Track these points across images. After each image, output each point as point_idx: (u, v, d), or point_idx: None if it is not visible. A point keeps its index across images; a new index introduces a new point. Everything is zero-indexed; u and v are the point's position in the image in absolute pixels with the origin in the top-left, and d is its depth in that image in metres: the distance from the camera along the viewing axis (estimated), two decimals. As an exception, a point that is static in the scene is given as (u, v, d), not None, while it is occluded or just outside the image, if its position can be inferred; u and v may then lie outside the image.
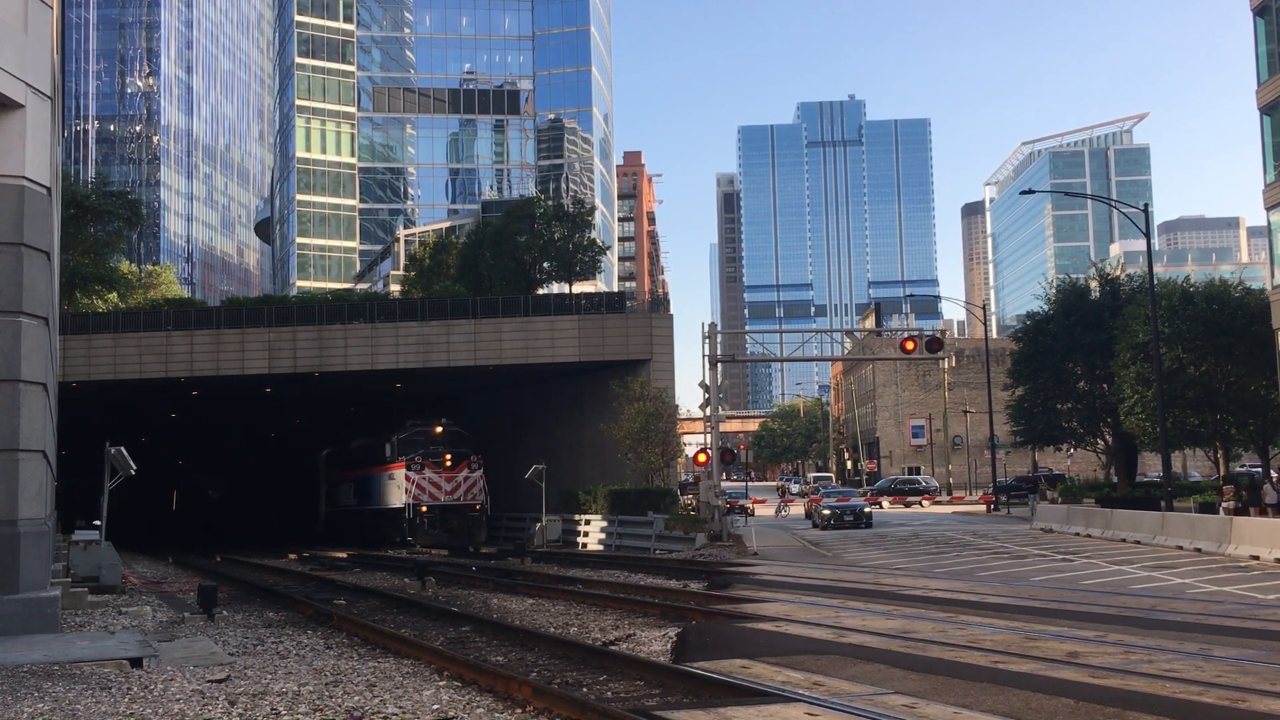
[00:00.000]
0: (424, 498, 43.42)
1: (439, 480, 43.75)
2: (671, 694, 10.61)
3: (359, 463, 51.49)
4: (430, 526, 43.22)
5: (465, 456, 44.84)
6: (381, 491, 46.98)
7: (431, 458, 44.21)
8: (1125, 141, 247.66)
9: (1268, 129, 42.57)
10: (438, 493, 43.74)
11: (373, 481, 48.69)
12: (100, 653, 12.93)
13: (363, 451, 51.43)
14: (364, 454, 51.08)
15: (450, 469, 43.91)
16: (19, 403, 15.38)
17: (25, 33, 15.84)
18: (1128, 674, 10.54)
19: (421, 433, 45.41)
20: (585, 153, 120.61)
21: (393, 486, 45.35)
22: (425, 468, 43.75)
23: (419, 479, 43.54)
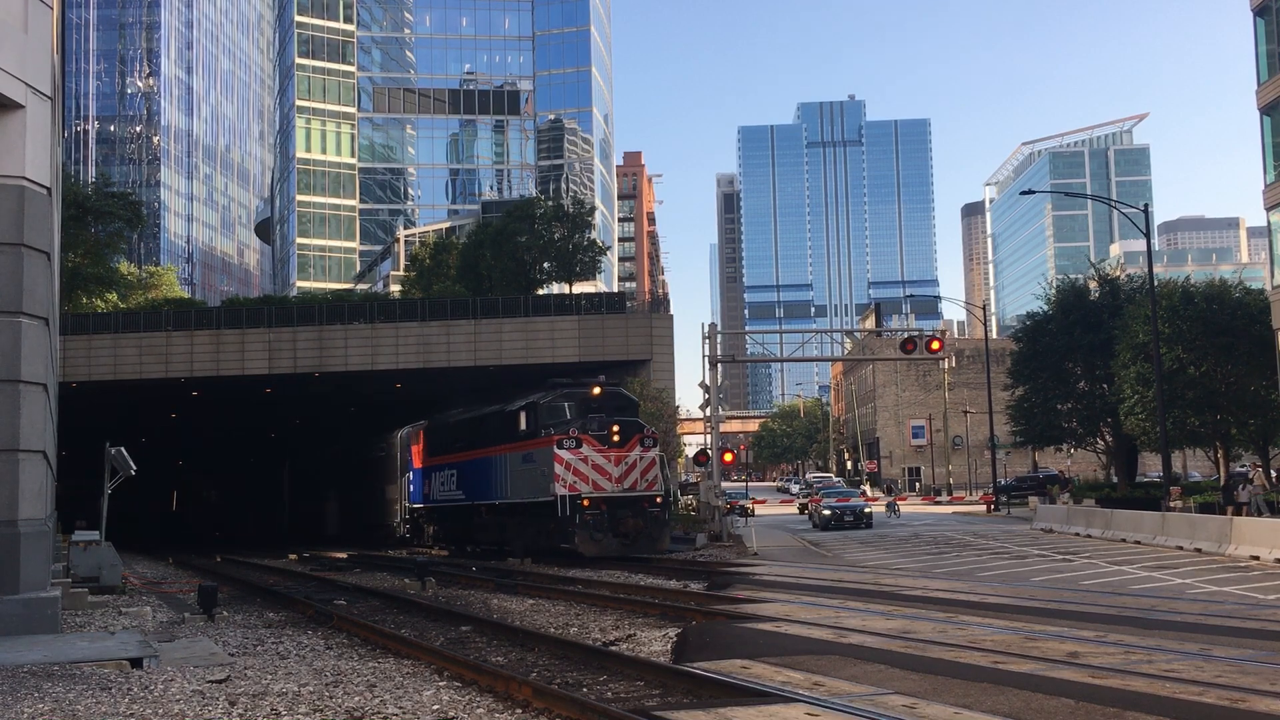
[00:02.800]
0: (584, 487, 30.70)
1: (604, 463, 31.06)
2: (672, 694, 10.61)
3: (467, 441, 38.15)
4: (596, 528, 30.35)
5: (637, 429, 32.15)
6: (512, 479, 34.16)
7: (591, 431, 31.36)
8: (1125, 142, 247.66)
9: (1268, 129, 42.57)
10: (604, 480, 31.01)
11: (494, 467, 35.54)
12: (100, 653, 12.93)
13: (473, 426, 38.20)
14: (476, 429, 37.78)
15: (619, 446, 31.33)
16: (19, 403, 15.38)
17: (25, 33, 15.84)
18: (1128, 674, 10.54)
19: (571, 396, 33.11)
20: (585, 153, 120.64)
21: (532, 472, 32.66)
22: (583, 444, 30.97)
23: (575, 461, 30.80)
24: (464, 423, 39.51)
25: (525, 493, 32.98)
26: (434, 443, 41.87)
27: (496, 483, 35.38)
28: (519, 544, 33.81)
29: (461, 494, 38.47)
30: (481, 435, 36.89)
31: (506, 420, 34.82)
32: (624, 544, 30.72)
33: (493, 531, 36.49)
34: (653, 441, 32.42)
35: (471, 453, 37.54)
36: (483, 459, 36.57)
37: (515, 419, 34.01)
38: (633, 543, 30.75)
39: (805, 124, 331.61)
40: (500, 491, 35.03)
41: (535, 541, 32.91)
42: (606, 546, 30.54)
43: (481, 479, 36.69)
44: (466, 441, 38.23)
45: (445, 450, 40.24)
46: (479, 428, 37.46)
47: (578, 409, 32.38)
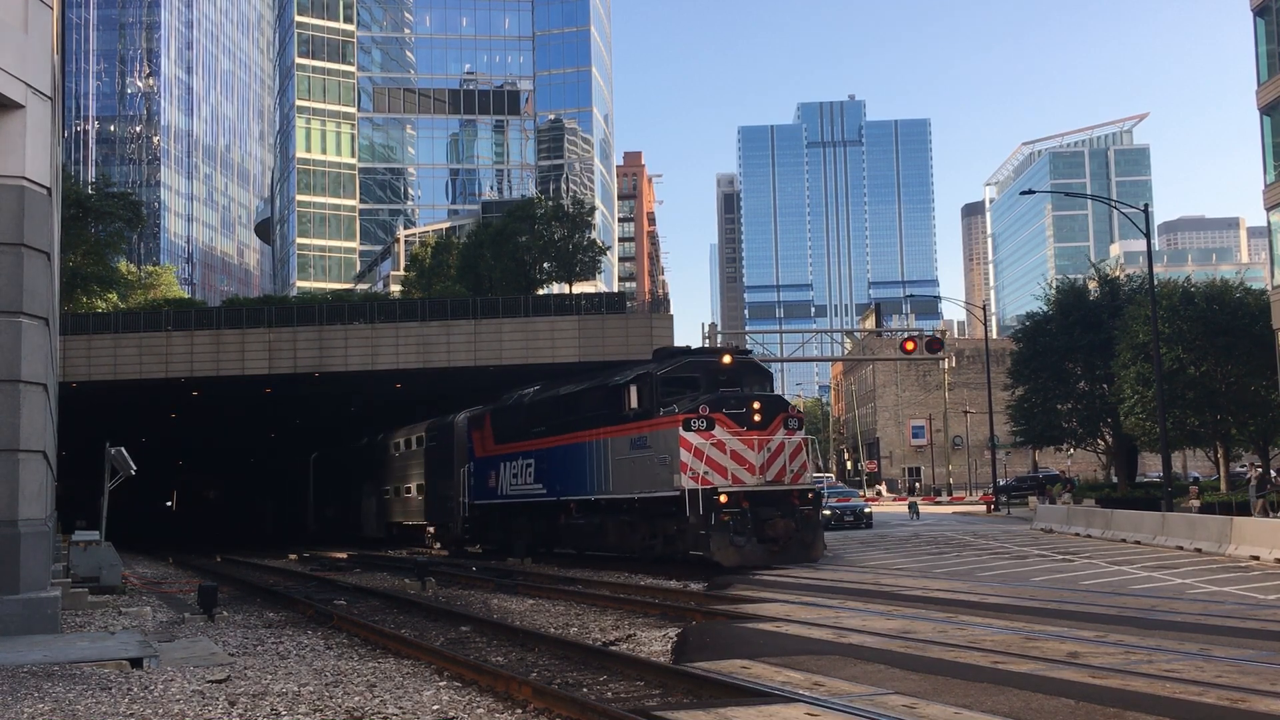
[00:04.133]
0: (719, 479, 24.83)
1: (743, 449, 25.16)
2: (672, 694, 10.61)
3: (550, 424, 31.93)
4: (736, 531, 24.52)
5: (780, 406, 26.40)
6: (615, 470, 28.00)
7: (726, 409, 25.45)
8: (1125, 142, 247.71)
9: (1268, 129, 42.58)
10: (743, 470, 25.13)
11: (590, 455, 29.20)
12: (100, 653, 12.93)
13: (559, 407, 31.84)
14: (562, 410, 31.53)
15: (761, 428, 25.44)
16: (19, 403, 15.39)
17: (25, 33, 15.84)
18: (1128, 674, 10.54)
19: (696, 366, 27.10)
20: (585, 153, 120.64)
21: (646, 461, 26.62)
22: (716, 425, 25.13)
23: (707, 446, 24.87)
24: (545, 403, 32.81)
25: (635, 485, 26.86)
26: (503, 428, 35.27)
27: (592, 474, 28.99)
28: (626, 549, 28.22)
29: (541, 488, 32.15)
30: (571, 416, 30.58)
31: (609, 397, 28.30)
32: (770, 550, 24.77)
33: (586, 534, 30.16)
34: (798, 423, 26.46)
35: (556, 438, 31.18)
36: (572, 446, 30.11)
37: (621, 395, 27.52)
38: (783, 549, 24.88)
39: (805, 124, 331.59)
40: (598, 484, 28.72)
41: (647, 547, 27.11)
42: (750, 554, 24.39)
43: (570, 470, 30.27)
44: (549, 425, 31.83)
45: (518, 436, 33.81)
46: (567, 408, 31.09)
47: (704, 382, 26.48)
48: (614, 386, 28.45)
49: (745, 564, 24.44)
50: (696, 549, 25.00)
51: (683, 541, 25.47)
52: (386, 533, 49.14)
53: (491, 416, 36.71)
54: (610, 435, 28.28)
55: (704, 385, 26.51)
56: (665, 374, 26.88)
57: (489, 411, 37.29)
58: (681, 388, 26.66)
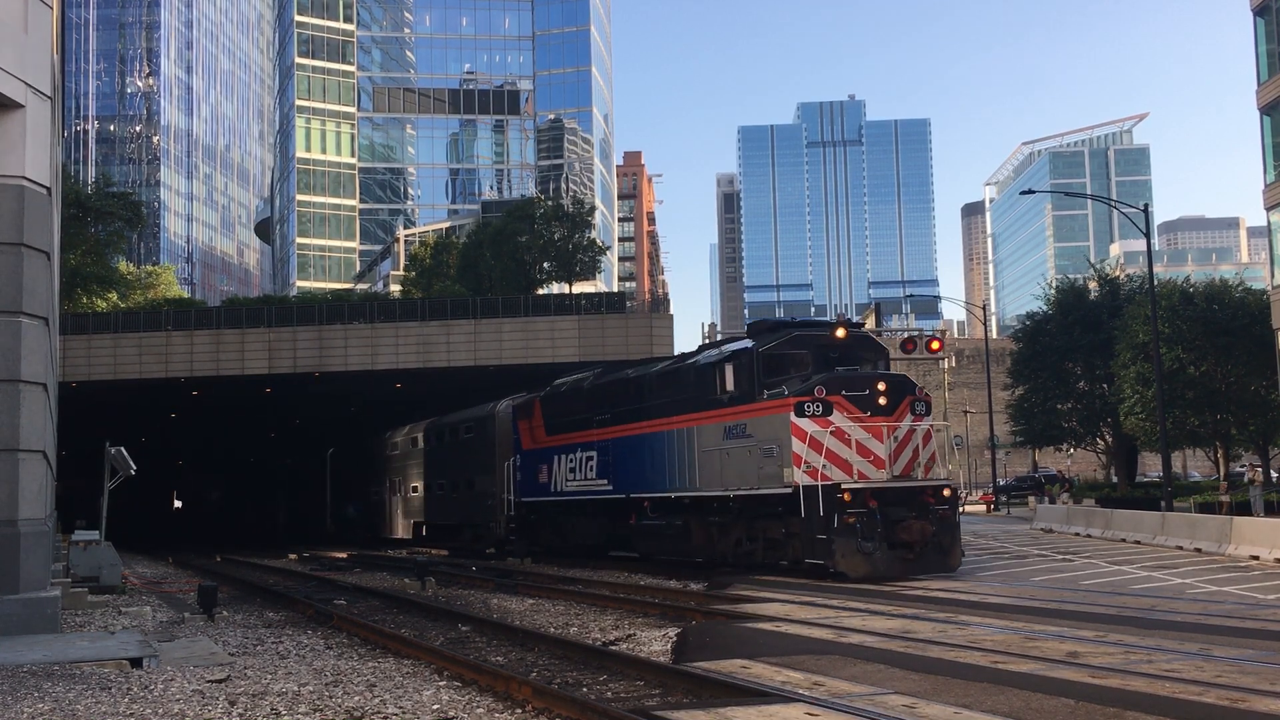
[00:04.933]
0: (839, 474, 21.22)
1: (868, 438, 21.64)
2: (672, 694, 10.61)
3: (619, 411, 28.21)
4: (865, 535, 20.80)
5: (907, 388, 22.66)
6: (703, 462, 24.38)
7: (846, 390, 21.85)
8: (1125, 141, 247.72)
9: (1268, 129, 42.61)
10: (868, 464, 21.62)
11: (670, 445, 25.63)
12: (100, 653, 12.94)
13: (629, 391, 28.01)
14: (634, 395, 27.71)
15: (886, 413, 21.86)
16: (19, 403, 15.39)
17: (25, 33, 15.85)
18: (1128, 674, 10.54)
19: (804, 341, 23.29)
20: (585, 153, 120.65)
21: (746, 451, 22.84)
22: (834, 410, 21.50)
23: (824, 435, 21.22)
24: (612, 388, 28.88)
25: (730, 481, 23.17)
26: (557, 417, 31.56)
27: (673, 468, 25.36)
28: (715, 554, 24.45)
29: (606, 484, 28.47)
30: (645, 402, 26.83)
31: (697, 379, 24.73)
32: (904, 559, 20.99)
33: (664, 537, 26.29)
34: (926, 406, 22.57)
35: (626, 427, 27.48)
36: (647, 436, 26.42)
37: (713, 376, 23.83)
38: (918, 556, 21.07)
39: (805, 124, 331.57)
40: (680, 479, 25.12)
41: (745, 553, 23.49)
42: (881, 563, 20.76)
43: (644, 463, 26.59)
44: (617, 412, 28.08)
45: (577, 426, 30.05)
46: (641, 393, 27.26)
47: (814, 359, 22.80)
48: (703, 366, 24.53)
49: (875, 575, 20.55)
50: (813, 556, 21.13)
51: (793, 547, 21.89)
52: (414, 533, 45.79)
53: (542, 404, 32.57)
54: (698, 423, 24.44)
55: (813, 363, 22.71)
56: (769, 350, 22.86)
57: (538, 399, 33.09)
58: (786, 366, 22.89)
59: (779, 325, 24.46)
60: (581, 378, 31.67)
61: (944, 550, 21.67)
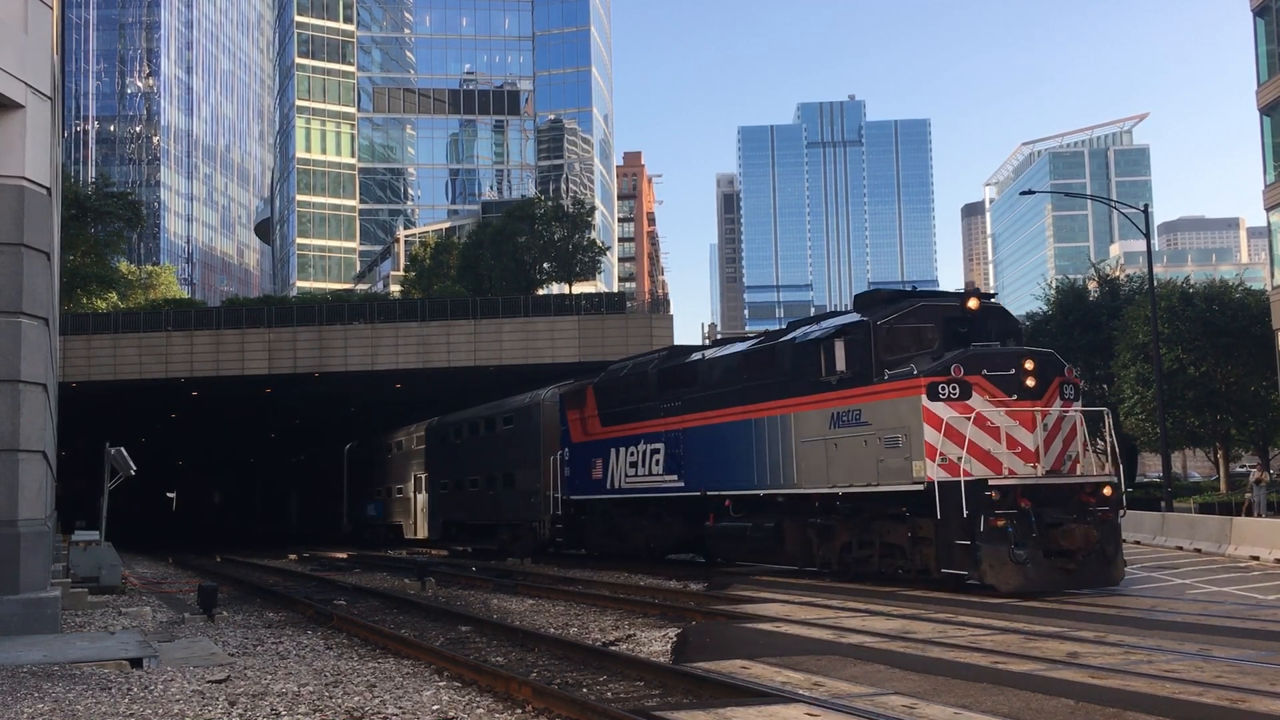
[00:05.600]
0: (982, 468, 18.18)
1: (1015, 426, 18.53)
2: (672, 694, 10.62)
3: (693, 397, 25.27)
4: (1018, 541, 17.57)
5: (1056, 368, 19.26)
6: (804, 455, 21.18)
7: (987, 369, 18.66)
8: (1125, 142, 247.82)
9: (1268, 129, 42.63)
10: (1014, 456, 18.46)
11: (761, 435, 22.46)
12: (100, 653, 12.94)
13: (707, 374, 24.94)
14: (713, 378, 24.66)
15: (1035, 396, 18.68)
16: (19, 403, 15.39)
17: (25, 33, 15.85)
18: (1128, 674, 10.54)
19: (930, 313, 19.93)
20: (585, 153, 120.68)
21: (861, 441, 19.71)
22: (973, 392, 18.42)
23: (964, 422, 18.23)
24: (683, 372, 25.74)
25: (839, 476, 20.06)
26: (615, 405, 28.54)
27: (762, 461, 22.24)
28: (817, 561, 21.52)
29: (676, 479, 25.54)
30: (727, 387, 23.73)
31: (795, 358, 21.38)
32: (1064, 569, 17.73)
33: (749, 540, 23.06)
34: (1075, 390, 19.32)
35: (702, 416, 24.54)
36: (729, 425, 23.45)
37: (817, 354, 20.58)
38: (1079, 567, 17.80)
39: (805, 124, 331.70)
40: (771, 474, 21.94)
41: (857, 560, 20.44)
42: (1037, 575, 17.50)
43: (725, 456, 23.60)
44: (689, 399, 25.12)
45: (639, 415, 27.17)
46: (721, 377, 24.17)
47: (941, 335, 19.55)
48: (803, 344, 21.11)
49: (1029, 588, 17.41)
50: (951, 565, 18.10)
51: (920, 554, 18.84)
52: (443, 533, 42.54)
53: (597, 393, 29.57)
54: (796, 409, 21.15)
55: (941, 338, 19.46)
56: (889, 323, 19.50)
57: (591, 386, 30.11)
58: (908, 342, 19.59)
59: (898, 296, 20.96)
60: (644, 361, 28.52)
61: (1107, 560, 18.18)
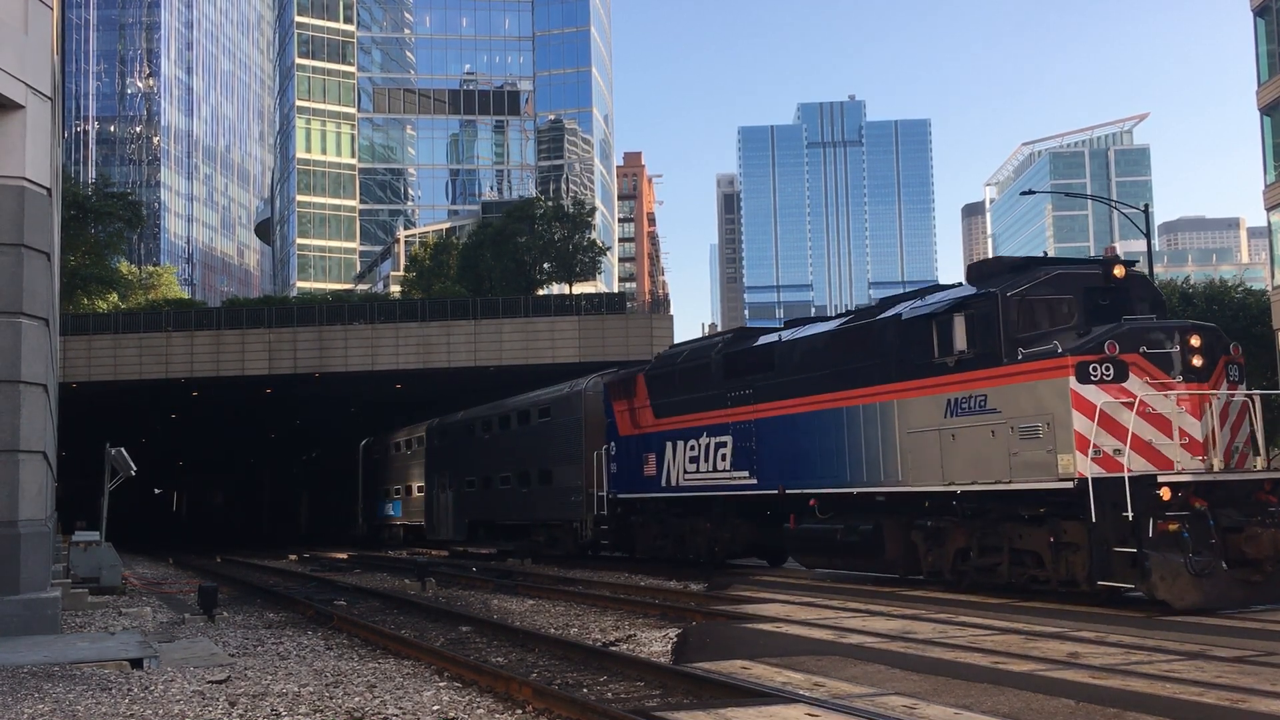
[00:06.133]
0: (1144, 463, 15.41)
1: (1179, 413, 15.70)
2: (672, 694, 10.62)
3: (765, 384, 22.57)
4: (1195, 547, 14.56)
5: (1221, 346, 16.32)
6: (914, 446, 18.54)
7: (1145, 346, 15.80)
8: (1125, 142, 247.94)
9: (1268, 129, 42.63)
10: (1180, 449, 15.61)
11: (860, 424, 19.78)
12: (100, 653, 12.94)
13: (783, 358, 22.13)
14: (789, 361, 21.91)
15: (1202, 377, 15.86)
16: (19, 403, 15.40)
17: (25, 33, 15.86)
18: (1128, 674, 10.54)
19: (1068, 283, 17.13)
20: (585, 153, 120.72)
21: (989, 431, 17.04)
22: (1130, 374, 15.58)
23: (1121, 409, 15.47)
24: (753, 356, 23.04)
25: (959, 471, 17.43)
26: (670, 394, 26.03)
27: (859, 454, 19.59)
28: (924, 569, 18.72)
29: (746, 476, 22.90)
30: (810, 371, 20.90)
31: (900, 337, 18.70)
32: (1249, 580, 14.96)
33: (840, 545, 20.15)
34: (1240, 371, 16.61)
35: (780, 404, 21.72)
36: (815, 414, 20.68)
37: (928, 332, 17.94)
38: (1268, 578, 15.01)
39: (805, 124, 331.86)
40: (870, 470, 19.32)
41: (979, 569, 17.63)
42: (1218, 588, 14.81)
43: (810, 449, 20.84)
44: (764, 385, 22.32)
45: (701, 405, 24.61)
46: (802, 359, 21.32)
47: (1081, 308, 16.88)
48: (911, 321, 18.41)
49: (1210, 604, 14.85)
50: (1109, 576, 15.32)
51: (1066, 562, 16.15)
52: (469, 533, 40.22)
53: (649, 381, 27.11)
54: (901, 395, 18.55)
55: (1081, 312, 16.82)
56: (1020, 294, 16.85)
57: (642, 374, 27.59)
58: (1043, 317, 16.95)
59: (1026, 263, 17.96)
60: (705, 346, 25.72)
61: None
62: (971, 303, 17.38)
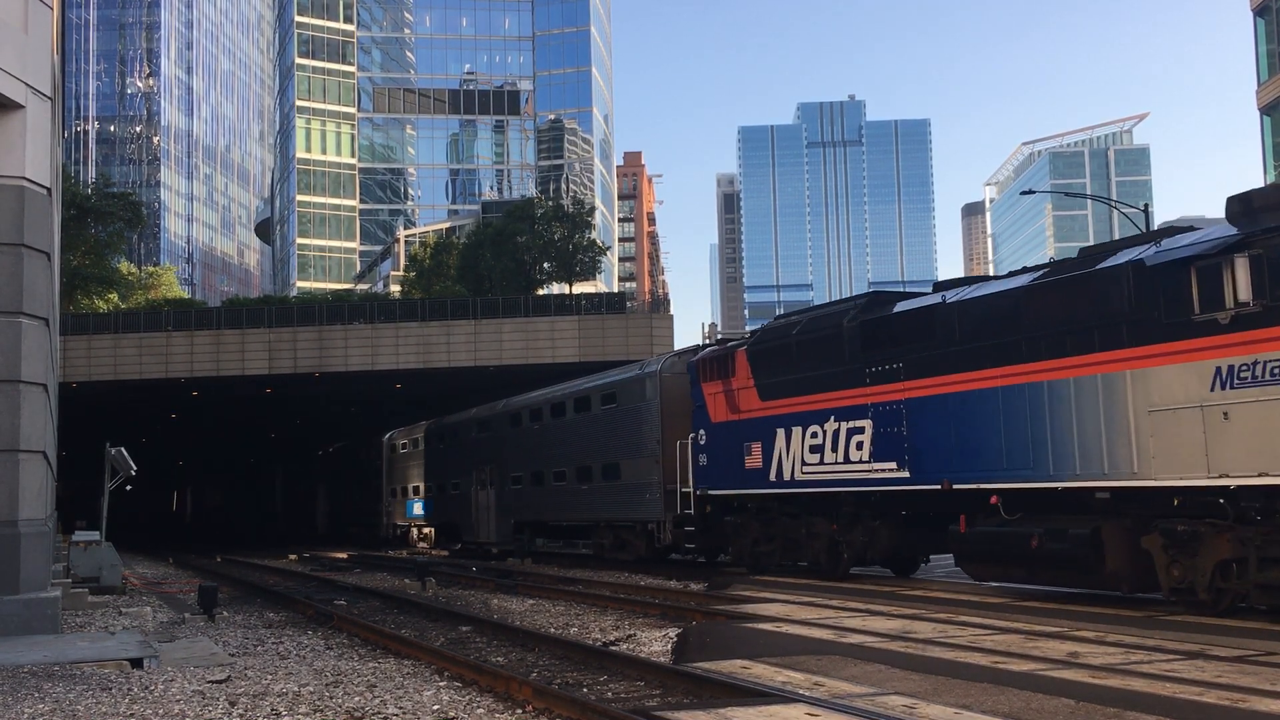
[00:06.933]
0: None
1: None
2: (672, 694, 10.62)
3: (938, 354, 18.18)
4: None
5: None
6: (1157, 429, 14.46)
7: None
8: (1125, 141, 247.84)
9: (1268, 129, 42.64)
10: None
11: (1070, 402, 15.77)
12: (100, 653, 12.94)
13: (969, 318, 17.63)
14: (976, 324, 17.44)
15: None
16: (19, 403, 15.40)
17: (25, 33, 15.86)
18: (1128, 674, 10.54)
19: None
20: (585, 153, 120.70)
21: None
22: None
23: None
24: (910, 320, 18.87)
25: (1231, 460, 13.74)
26: (783, 371, 21.93)
27: (1071, 439, 15.82)
28: (1177, 587, 14.69)
29: (894, 467, 19.04)
30: (996, 337, 16.98)
31: (1141, 288, 14.88)
32: None
33: (1043, 554, 15.94)
34: None
35: (946, 379, 17.93)
36: (1003, 390, 16.77)
37: (1186, 280, 14.23)
38: None
39: (805, 124, 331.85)
40: (1088, 460, 15.58)
41: (1271, 585, 13.73)
42: None
43: (990, 434, 17.08)
44: (921, 357, 18.41)
45: (826, 384, 20.57)
46: (983, 322, 17.26)
47: None
48: (1159, 268, 14.60)
49: None
50: None
51: None
52: (512, 535, 36.46)
53: (753, 358, 22.89)
54: (1136, 364, 14.90)
55: None
56: None
57: (744, 350, 23.29)
58: None
59: None
60: (830, 314, 21.44)
61: None
62: (1257, 241, 13.47)
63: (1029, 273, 17.38)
